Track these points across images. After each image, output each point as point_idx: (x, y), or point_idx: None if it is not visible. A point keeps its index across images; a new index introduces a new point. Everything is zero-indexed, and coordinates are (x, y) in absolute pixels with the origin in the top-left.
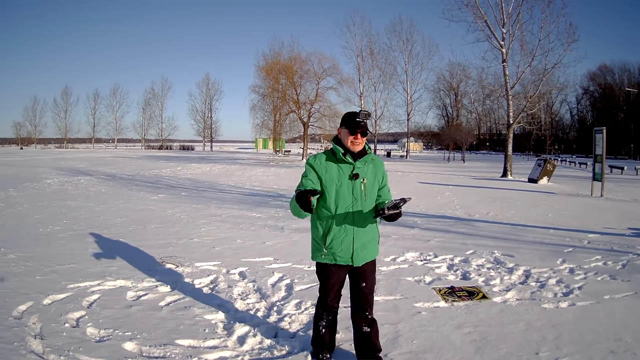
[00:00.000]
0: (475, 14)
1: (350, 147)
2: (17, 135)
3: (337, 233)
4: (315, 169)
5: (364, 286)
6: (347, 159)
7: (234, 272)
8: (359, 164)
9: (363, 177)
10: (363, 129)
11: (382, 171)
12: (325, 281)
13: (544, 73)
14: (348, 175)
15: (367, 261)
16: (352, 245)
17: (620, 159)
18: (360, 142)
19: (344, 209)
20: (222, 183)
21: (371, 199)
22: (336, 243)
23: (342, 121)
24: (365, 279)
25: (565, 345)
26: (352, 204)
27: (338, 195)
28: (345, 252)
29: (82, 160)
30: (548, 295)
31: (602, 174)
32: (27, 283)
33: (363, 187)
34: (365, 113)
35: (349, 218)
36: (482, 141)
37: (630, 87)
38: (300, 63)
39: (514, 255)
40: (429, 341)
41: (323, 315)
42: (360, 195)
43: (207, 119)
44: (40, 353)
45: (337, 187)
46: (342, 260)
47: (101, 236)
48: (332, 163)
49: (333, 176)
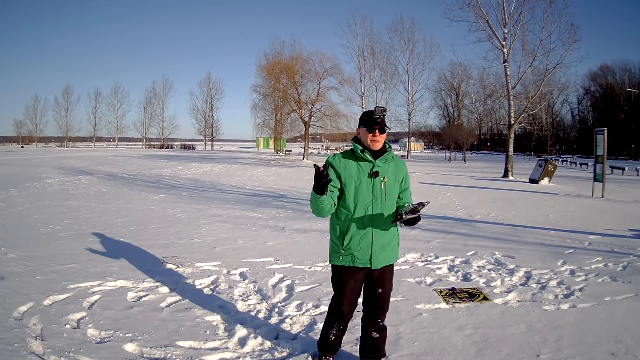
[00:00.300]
0: (477, 14)
1: (370, 146)
2: (19, 134)
3: (356, 232)
4: (335, 166)
5: (380, 292)
6: (367, 156)
7: (235, 273)
8: (379, 162)
9: (383, 176)
10: (381, 126)
11: (403, 172)
12: (341, 288)
13: (546, 73)
14: (368, 174)
15: (386, 264)
16: (371, 246)
17: (622, 159)
18: (379, 139)
19: (363, 207)
20: (224, 183)
21: (392, 200)
22: (355, 242)
23: (360, 121)
24: (382, 285)
25: (567, 347)
26: (372, 202)
27: (357, 193)
28: (364, 252)
29: (83, 160)
30: (549, 297)
31: (603, 174)
32: (28, 283)
33: (383, 185)
34: (381, 109)
35: (369, 217)
36: (483, 141)
37: (631, 87)
38: (302, 63)
39: (515, 256)
40: (430, 343)
41: (335, 324)
42: (381, 194)
43: (208, 118)
44: (41, 354)
45: (356, 185)
46: (361, 262)
47: (102, 236)
48: (351, 161)
49: (352, 174)
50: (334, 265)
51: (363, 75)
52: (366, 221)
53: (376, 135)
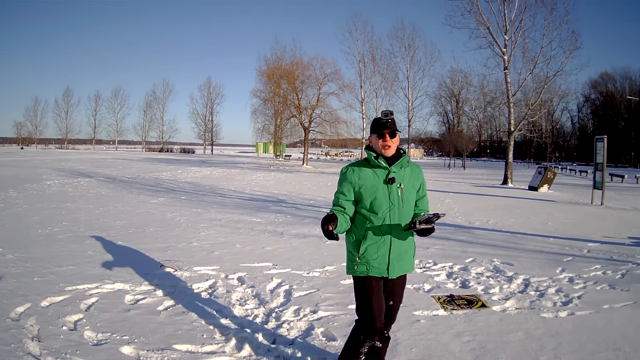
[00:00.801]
0: (477, 20)
1: (383, 152)
2: (18, 135)
3: (373, 240)
4: (348, 176)
5: (391, 304)
6: (381, 162)
7: (232, 277)
8: (394, 168)
9: (400, 182)
10: (391, 129)
11: (420, 179)
12: (368, 298)
13: (546, 80)
14: (383, 180)
15: (401, 274)
16: (388, 254)
17: (621, 167)
18: (390, 144)
19: (381, 214)
20: (222, 187)
21: (409, 207)
22: (371, 250)
23: (370, 128)
24: (394, 295)
25: (564, 354)
26: (389, 209)
27: (375, 200)
28: (380, 261)
29: (82, 162)
30: (547, 304)
31: (602, 182)
32: (25, 284)
33: (400, 192)
34: (388, 112)
35: (386, 225)
36: (482, 148)
37: (631, 95)
38: (302, 68)
39: (513, 263)
40: (427, 349)
41: (366, 342)
42: (398, 201)
43: (208, 122)
44: (38, 355)
45: (372, 192)
46: (376, 271)
47: (100, 239)
48: (366, 168)
49: (367, 181)
50: (354, 277)
51: (363, 81)
52: (384, 229)
53: (386, 140)
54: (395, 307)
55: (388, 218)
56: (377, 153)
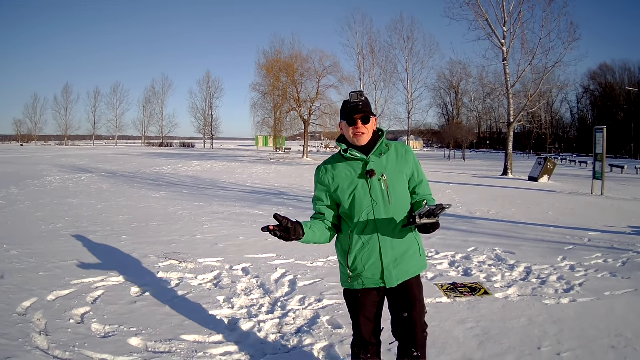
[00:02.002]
0: (476, 12)
1: (355, 141)
2: (18, 133)
3: (359, 248)
4: (321, 178)
5: (406, 316)
6: (355, 154)
7: (237, 268)
8: (372, 157)
9: (382, 173)
10: (363, 114)
11: (410, 161)
12: (355, 313)
13: (545, 72)
14: (361, 174)
15: (405, 279)
16: (380, 261)
17: (621, 158)
18: (363, 130)
19: (363, 216)
20: (224, 180)
21: (398, 201)
22: (360, 261)
23: (340, 114)
24: (407, 305)
25: (567, 340)
26: (373, 208)
27: (354, 200)
28: (372, 270)
29: (82, 158)
30: (549, 291)
31: (602, 172)
32: (31, 279)
33: (384, 185)
34: (357, 93)
35: (371, 226)
36: (482, 139)
37: (631, 86)
38: (301, 61)
39: (515, 252)
40: (432, 336)
41: (360, 353)
42: (382, 196)
43: (207, 116)
44: (46, 349)
45: (350, 191)
46: (372, 282)
47: (104, 233)
48: (340, 164)
49: (343, 178)
50: (344, 289)
51: (362, 73)
52: (368, 232)
53: (358, 127)
54: (416, 320)
55: (372, 218)
56: (349, 144)
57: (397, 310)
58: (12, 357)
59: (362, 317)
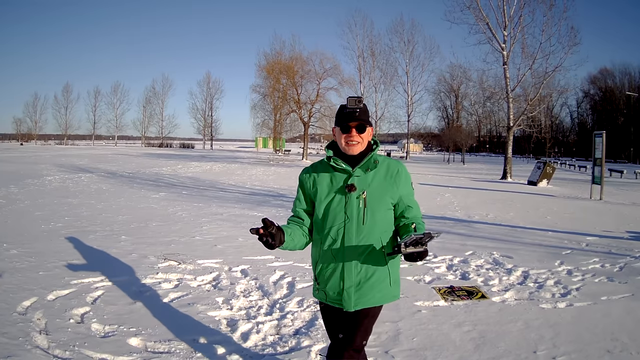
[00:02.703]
0: (477, 16)
1: (346, 150)
2: (17, 131)
3: (325, 262)
4: (303, 181)
5: (341, 337)
6: (340, 164)
7: (236, 269)
8: (358, 171)
9: (363, 190)
10: (359, 122)
11: (400, 184)
12: (326, 323)
13: (545, 76)
14: (341, 186)
15: (365, 307)
16: (340, 282)
17: (620, 162)
18: (357, 140)
19: (334, 231)
20: (223, 182)
21: (374, 222)
22: (323, 275)
23: (335, 118)
24: (350, 329)
25: (563, 344)
26: (344, 224)
27: (328, 212)
28: (333, 289)
29: (82, 157)
30: (546, 295)
31: (601, 177)
32: (31, 279)
33: (362, 203)
34: (356, 99)
35: (339, 243)
36: (482, 143)
37: (630, 90)
38: (302, 63)
39: (512, 256)
40: (429, 339)
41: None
42: (357, 214)
43: (207, 117)
44: (46, 348)
45: (327, 202)
46: (332, 300)
47: (103, 233)
48: (325, 173)
49: (324, 188)
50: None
51: (362, 76)
52: (335, 248)
53: (352, 135)
54: (354, 340)
55: (341, 236)
56: (339, 151)
57: (338, 328)
58: (13, 356)
59: (331, 328)
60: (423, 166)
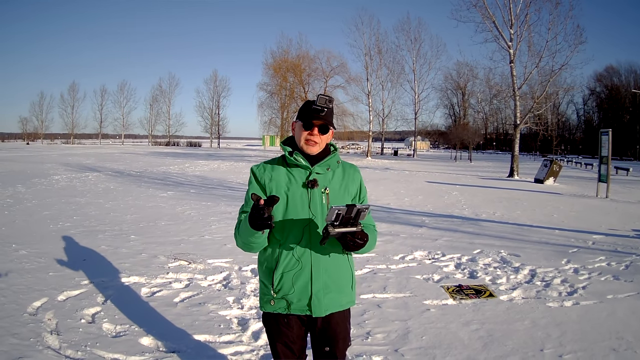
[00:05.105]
0: (483, 14)
1: (304, 148)
2: (24, 131)
3: (288, 266)
4: (257, 176)
5: (327, 351)
6: (300, 160)
7: (245, 269)
8: (318, 168)
9: (325, 186)
10: (323, 122)
11: (357, 184)
12: (273, 345)
13: (551, 74)
14: (302, 183)
15: (333, 311)
16: (310, 285)
17: (626, 160)
18: (317, 140)
19: (298, 230)
20: (231, 180)
21: None
22: (287, 281)
23: (298, 113)
24: (329, 339)
25: (569, 342)
26: (309, 222)
27: (288, 210)
28: (300, 294)
29: (89, 156)
30: (553, 294)
31: (607, 175)
32: (41, 279)
33: (325, 198)
34: (326, 98)
35: (305, 243)
36: (488, 141)
37: (636, 88)
38: (309, 61)
39: (520, 255)
40: (437, 337)
41: None
42: (322, 210)
43: (214, 115)
44: (57, 349)
45: (286, 200)
46: (297, 309)
47: (112, 233)
48: (280, 168)
49: (281, 184)
50: (263, 313)
51: (369, 73)
52: (301, 249)
53: (313, 134)
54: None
55: (307, 235)
56: (296, 147)
57: (319, 344)
58: (24, 356)
59: (282, 350)
60: (430, 164)
